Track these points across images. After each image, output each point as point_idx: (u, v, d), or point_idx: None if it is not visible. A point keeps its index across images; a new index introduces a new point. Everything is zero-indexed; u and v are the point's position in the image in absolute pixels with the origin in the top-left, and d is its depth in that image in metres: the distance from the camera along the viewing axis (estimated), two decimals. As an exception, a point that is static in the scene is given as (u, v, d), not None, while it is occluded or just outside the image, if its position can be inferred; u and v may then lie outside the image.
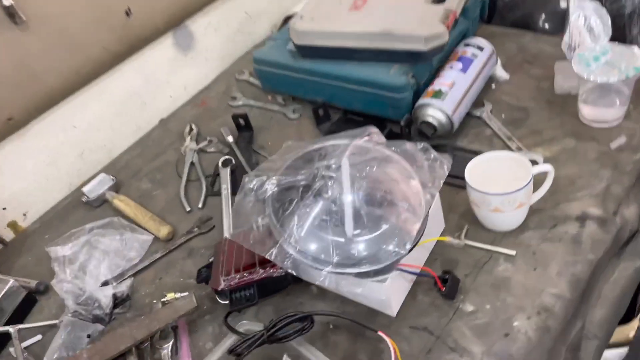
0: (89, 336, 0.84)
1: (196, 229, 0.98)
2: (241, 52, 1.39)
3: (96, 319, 0.86)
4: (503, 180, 0.82)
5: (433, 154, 0.80)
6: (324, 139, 0.83)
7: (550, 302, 0.73)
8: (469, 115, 1.03)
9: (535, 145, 0.95)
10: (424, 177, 0.77)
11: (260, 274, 0.76)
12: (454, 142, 1.00)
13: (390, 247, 0.70)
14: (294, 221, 0.72)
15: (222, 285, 0.76)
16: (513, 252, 0.80)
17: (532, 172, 0.78)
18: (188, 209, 1.03)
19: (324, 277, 0.70)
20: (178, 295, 0.87)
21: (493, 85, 1.10)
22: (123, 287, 0.89)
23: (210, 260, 0.89)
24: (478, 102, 1.05)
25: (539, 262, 0.78)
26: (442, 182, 0.76)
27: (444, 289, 0.73)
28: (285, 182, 0.76)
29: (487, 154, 0.84)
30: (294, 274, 0.71)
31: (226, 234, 0.94)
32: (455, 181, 0.89)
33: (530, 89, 1.07)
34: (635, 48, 0.90)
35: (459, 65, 1.02)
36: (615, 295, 0.85)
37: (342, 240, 0.71)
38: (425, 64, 1.03)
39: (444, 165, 0.79)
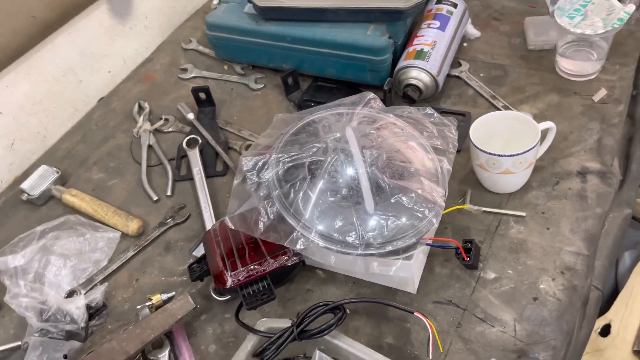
0: (65, 357, 0.72)
1: (170, 219, 0.87)
2: (183, 18, 1.25)
3: (70, 335, 0.74)
4: (507, 140, 0.79)
5: (436, 116, 0.75)
6: (318, 109, 0.75)
7: (571, 260, 0.72)
8: (448, 75, 0.99)
9: (520, 103, 0.94)
10: (436, 142, 0.72)
11: (271, 265, 0.67)
12: (438, 105, 0.96)
13: (418, 221, 0.65)
14: (309, 203, 0.65)
15: (230, 282, 0.67)
16: (523, 214, 0.78)
17: (539, 129, 0.76)
18: (155, 198, 0.91)
19: (352, 261, 0.63)
20: (165, 296, 0.76)
21: (465, 44, 1.07)
22: (96, 295, 0.77)
23: (198, 254, 0.79)
24: (454, 62, 1.02)
25: (550, 221, 0.77)
26: (456, 145, 0.72)
27: (468, 258, 0.70)
28: (289, 159, 0.68)
29: (488, 115, 0.81)
30: (320, 261, 0.64)
31: (209, 223, 0.84)
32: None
33: (503, 46, 1.05)
34: (613, 0, 0.90)
35: (436, 23, 0.98)
36: (609, 246, 0.87)
37: (365, 217, 0.64)
38: (401, 24, 0.97)
39: (451, 128, 0.74)
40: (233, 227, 0.68)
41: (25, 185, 0.91)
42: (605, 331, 1.20)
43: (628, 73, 0.95)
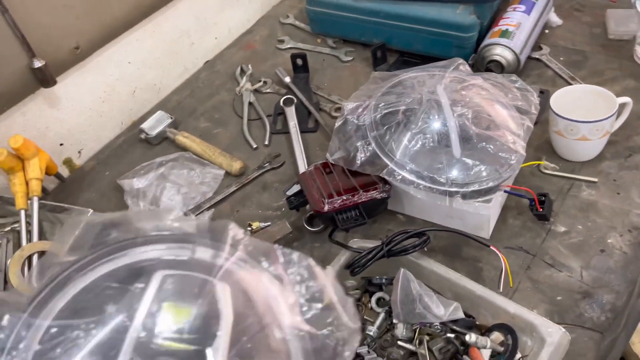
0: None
1: (267, 164, 0.98)
2: (281, -5, 1.38)
3: (182, 248, 0.86)
4: (583, 112, 0.86)
5: (521, 82, 0.82)
6: (414, 69, 0.85)
7: (639, 221, 0.78)
8: (528, 58, 1.06)
9: (597, 85, 0.99)
10: (519, 103, 0.80)
11: (363, 196, 0.77)
12: (518, 82, 1.03)
13: (499, 167, 0.73)
14: (401, 144, 0.74)
15: (326, 207, 0.76)
16: (595, 179, 0.84)
17: (617, 101, 0.82)
18: (254, 145, 1.02)
19: (437, 197, 0.72)
20: (262, 224, 0.87)
21: (547, 31, 1.13)
22: (204, 218, 0.89)
23: (293, 191, 0.89)
24: (535, 46, 1.08)
25: (621, 187, 0.83)
26: (538, 107, 0.79)
27: (541, 209, 0.77)
28: (386, 105, 0.77)
29: (568, 87, 0.87)
30: (410, 191, 0.73)
31: (302, 168, 0.95)
32: (529, 116, 0.93)
33: (584, 34, 1.11)
34: (697, -9, 0.94)
35: (522, 7, 1.05)
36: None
37: (452, 161, 0.73)
38: (488, 6, 1.05)
39: (534, 94, 0.82)
40: (333, 162, 0.78)
41: (145, 125, 1.05)
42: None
43: None
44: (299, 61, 1.13)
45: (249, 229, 0.87)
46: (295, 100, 1.07)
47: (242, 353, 0.37)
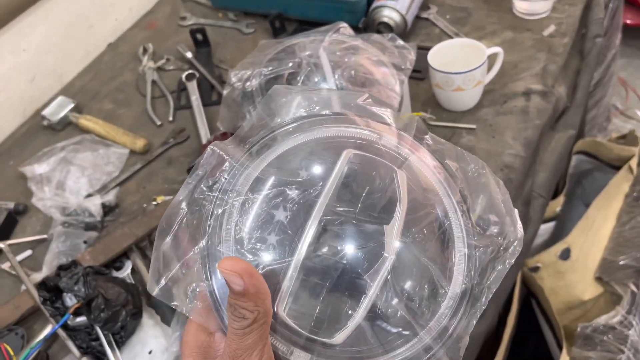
0: (85, 242, 0.86)
1: (172, 139, 1.01)
2: (182, -27, 1.38)
3: (89, 227, 0.88)
4: (461, 64, 0.92)
5: (399, 41, 0.88)
6: (297, 35, 0.88)
7: (510, 160, 0.86)
8: (417, 17, 1.12)
9: (479, 39, 1.05)
10: (396, 60, 0.85)
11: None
12: (407, 42, 1.09)
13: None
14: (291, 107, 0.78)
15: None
16: (474, 126, 0.91)
17: (486, 52, 0.89)
18: (159, 122, 1.04)
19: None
20: (167, 197, 0.90)
21: (434, -10, 1.19)
22: (110, 197, 0.91)
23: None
24: (423, 6, 1.14)
25: (496, 131, 0.90)
26: (413, 63, 0.85)
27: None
28: (270, 72, 0.81)
29: (444, 42, 0.93)
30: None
31: (205, 140, 0.98)
32: (416, 75, 0.99)
33: (468, -9, 1.17)
34: (560, -56, 1.02)
35: (407, -31, 1.10)
36: (554, 161, 1.00)
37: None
38: (376, -30, 1.10)
39: (411, 51, 0.87)
40: (226, 130, 0.81)
41: (46, 112, 1.05)
42: (565, 255, 1.33)
43: (575, 12, 1.07)
44: (199, 36, 1.14)
45: (154, 203, 0.90)
46: (198, 75, 1.09)
47: (413, 236, 0.41)
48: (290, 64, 0.81)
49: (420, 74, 1.01)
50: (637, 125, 1.95)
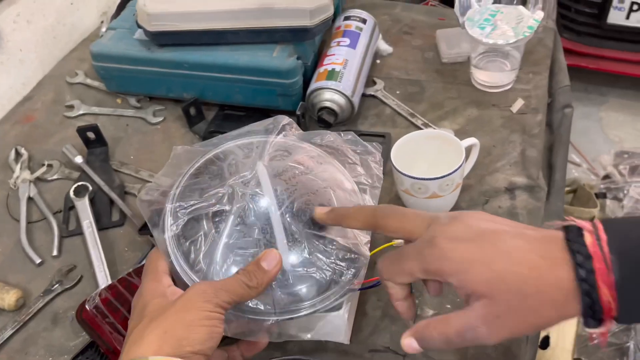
0: None
1: (57, 285, 0.73)
2: (67, 48, 1.11)
3: None
4: (430, 161, 0.74)
5: (361, 145, 0.68)
6: (224, 138, 0.66)
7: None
8: (363, 95, 0.93)
9: (440, 119, 0.89)
10: (360, 176, 0.65)
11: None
12: (356, 127, 0.90)
13: (341, 276, 0.57)
14: (212, 264, 0.55)
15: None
16: (456, 239, 0.72)
17: (463, 147, 0.71)
18: (38, 260, 0.76)
19: (266, 330, 0.54)
20: (53, 383, 0.63)
21: (378, 61, 1.02)
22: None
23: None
24: (368, 81, 0.96)
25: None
26: (381, 178, 0.65)
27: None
28: (189, 211, 0.57)
29: (408, 135, 0.75)
30: (226, 334, 0.53)
31: (104, 284, 0.71)
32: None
33: (417, 60, 1.01)
34: (520, 8, 0.88)
35: (346, 40, 0.92)
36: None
37: (280, 276, 0.55)
38: (310, 43, 0.90)
39: (376, 156, 0.68)
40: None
41: None
42: (545, 343, 1.19)
43: (542, 81, 0.93)
44: (91, 134, 0.88)
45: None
46: (91, 188, 0.83)
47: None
48: (219, 196, 0.58)
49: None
50: (577, 171, 1.89)
